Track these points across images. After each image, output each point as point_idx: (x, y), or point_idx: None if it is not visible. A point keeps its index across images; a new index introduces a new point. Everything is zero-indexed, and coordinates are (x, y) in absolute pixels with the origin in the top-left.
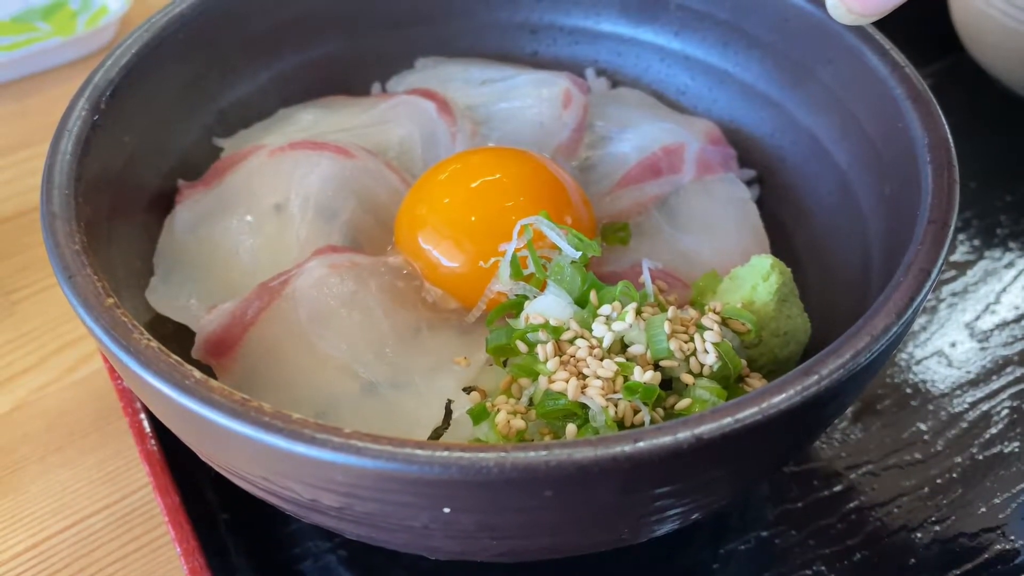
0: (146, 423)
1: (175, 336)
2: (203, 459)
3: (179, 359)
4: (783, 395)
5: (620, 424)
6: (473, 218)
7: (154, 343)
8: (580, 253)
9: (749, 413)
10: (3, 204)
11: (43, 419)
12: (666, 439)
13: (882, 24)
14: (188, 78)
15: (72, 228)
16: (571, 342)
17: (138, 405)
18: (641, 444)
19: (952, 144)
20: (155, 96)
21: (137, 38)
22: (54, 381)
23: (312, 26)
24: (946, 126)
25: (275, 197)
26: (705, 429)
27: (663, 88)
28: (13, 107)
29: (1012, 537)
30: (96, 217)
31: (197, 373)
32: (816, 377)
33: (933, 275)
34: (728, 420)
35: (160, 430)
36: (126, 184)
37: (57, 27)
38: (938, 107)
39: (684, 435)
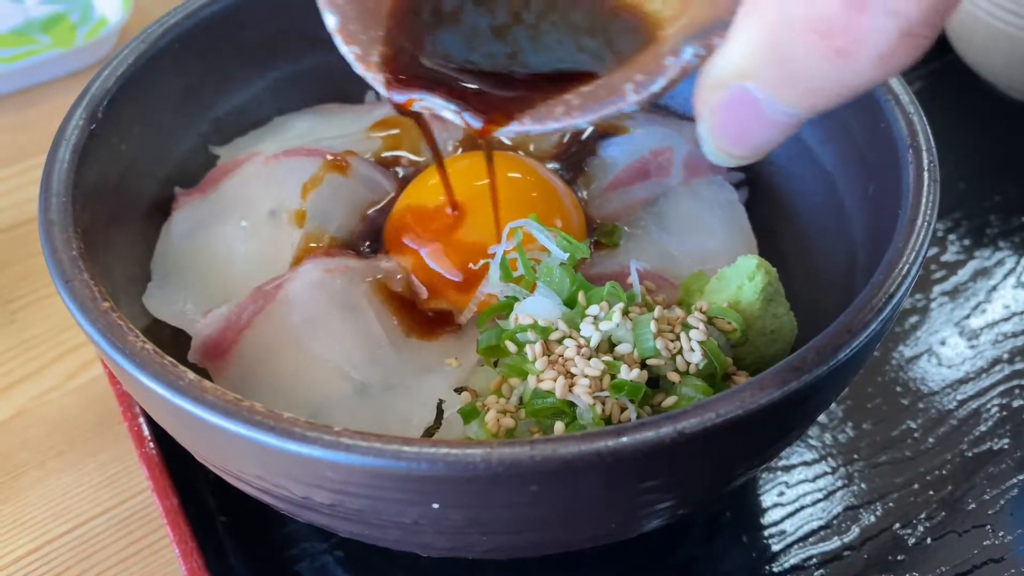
0: (145, 427)
1: (172, 340)
2: (199, 460)
3: (174, 361)
4: (765, 391)
5: (607, 422)
6: (463, 221)
7: (149, 345)
8: (568, 255)
9: (731, 408)
10: (3, 214)
11: (44, 425)
12: (648, 434)
13: None
14: (184, 87)
15: (69, 234)
16: (559, 342)
17: (137, 409)
18: (624, 439)
19: (933, 144)
20: (152, 105)
21: (133, 48)
22: (54, 388)
23: (306, 35)
24: (927, 126)
25: (270, 203)
26: (687, 424)
27: None
28: (13, 119)
29: (1001, 533)
30: (94, 224)
31: (191, 374)
32: (797, 373)
33: (913, 273)
34: (710, 415)
35: (159, 434)
36: (123, 191)
37: (57, 39)
38: (920, 108)
39: (666, 430)
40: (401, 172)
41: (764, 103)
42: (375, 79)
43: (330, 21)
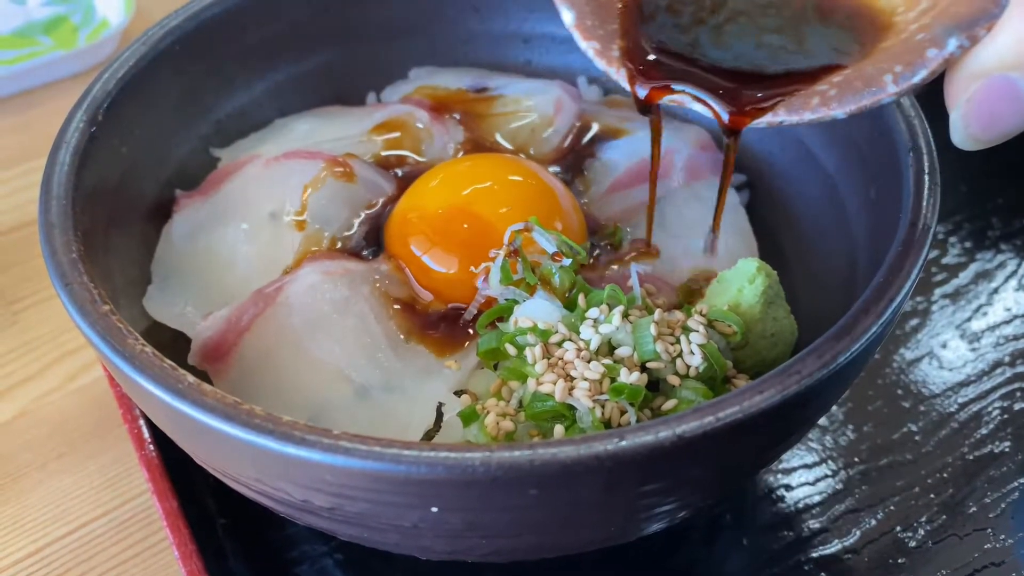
0: (145, 429)
1: (173, 343)
2: (199, 463)
3: (173, 364)
4: (764, 394)
5: (607, 425)
6: (464, 224)
7: (148, 348)
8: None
9: (730, 412)
10: (5, 216)
11: (44, 427)
12: (648, 438)
13: None
14: (185, 90)
15: (69, 237)
16: (559, 345)
17: (137, 412)
18: (623, 443)
19: (934, 147)
20: (152, 107)
21: (134, 51)
22: (55, 389)
23: (307, 37)
24: (928, 130)
25: (270, 205)
26: (687, 428)
27: None
28: (15, 120)
29: (1002, 536)
30: (94, 226)
31: (190, 377)
32: (797, 376)
33: (914, 277)
34: (709, 419)
35: (159, 436)
36: (124, 194)
37: (59, 41)
38: (921, 111)
39: (666, 434)
40: (400, 173)
41: None
42: (618, 74)
43: (567, 17)
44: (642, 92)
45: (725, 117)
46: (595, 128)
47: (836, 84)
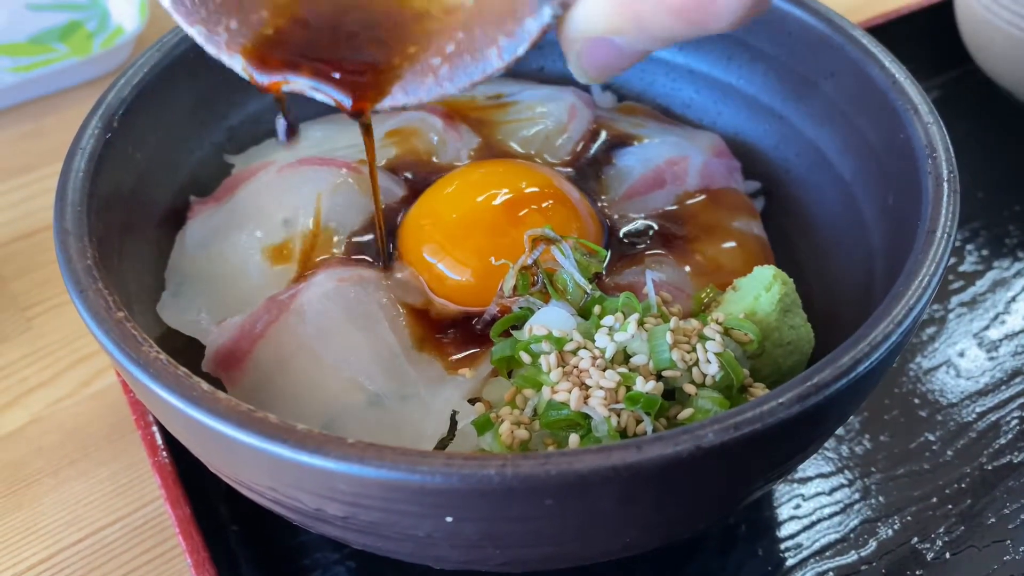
0: (158, 436)
1: (186, 350)
2: (212, 470)
3: (187, 371)
4: (782, 404)
5: (623, 434)
6: (479, 231)
7: (163, 355)
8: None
9: (749, 422)
10: (21, 222)
11: (58, 433)
12: (666, 448)
13: (890, 36)
14: (199, 96)
15: (84, 244)
16: (574, 353)
17: (150, 418)
18: (641, 453)
19: (953, 154)
20: (167, 114)
21: (149, 58)
22: (69, 395)
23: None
24: (947, 136)
25: (284, 212)
26: (704, 439)
27: (668, 102)
28: (30, 127)
29: (1022, 548)
30: (108, 233)
31: (204, 384)
32: (816, 386)
33: (933, 285)
34: (729, 429)
35: (172, 442)
36: (138, 200)
37: (74, 48)
38: (939, 117)
39: (684, 444)
40: (413, 179)
41: (623, 45)
42: (231, 59)
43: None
44: (262, 81)
45: (348, 104)
46: (608, 135)
47: (448, 58)
